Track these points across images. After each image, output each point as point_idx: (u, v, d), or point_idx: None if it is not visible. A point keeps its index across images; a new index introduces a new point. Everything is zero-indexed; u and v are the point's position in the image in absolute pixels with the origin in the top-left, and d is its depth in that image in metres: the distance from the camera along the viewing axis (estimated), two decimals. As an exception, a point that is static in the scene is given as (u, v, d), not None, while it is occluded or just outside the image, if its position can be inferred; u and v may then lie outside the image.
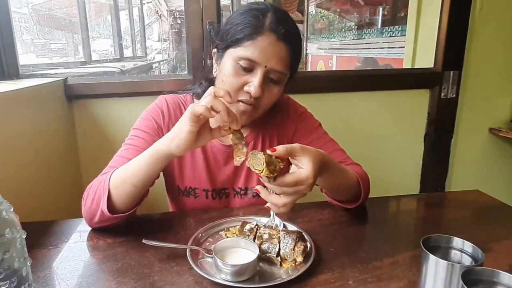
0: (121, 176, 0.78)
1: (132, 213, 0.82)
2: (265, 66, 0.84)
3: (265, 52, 0.83)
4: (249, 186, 1.01)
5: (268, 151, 0.65)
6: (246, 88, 0.86)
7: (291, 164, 0.72)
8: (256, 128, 1.02)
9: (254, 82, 0.85)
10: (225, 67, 0.88)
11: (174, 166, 0.99)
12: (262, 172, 0.64)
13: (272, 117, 1.03)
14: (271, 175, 0.65)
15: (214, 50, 0.94)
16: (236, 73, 0.86)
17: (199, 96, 0.99)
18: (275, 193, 0.69)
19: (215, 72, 0.93)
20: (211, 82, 0.96)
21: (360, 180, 0.87)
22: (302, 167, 0.67)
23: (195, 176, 0.99)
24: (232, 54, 0.86)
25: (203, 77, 1.02)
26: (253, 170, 0.66)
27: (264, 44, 0.83)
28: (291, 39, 0.86)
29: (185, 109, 0.99)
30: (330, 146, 1.00)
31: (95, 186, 0.81)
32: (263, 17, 0.84)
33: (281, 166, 0.67)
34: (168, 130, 0.95)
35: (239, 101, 0.88)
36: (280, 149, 0.66)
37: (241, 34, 0.84)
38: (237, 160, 0.73)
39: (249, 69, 0.85)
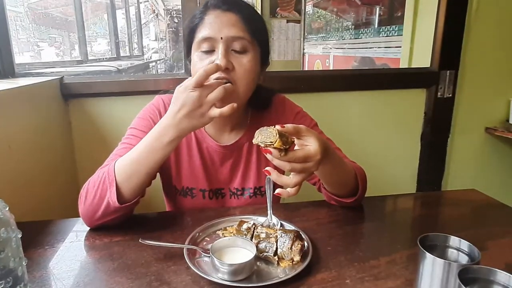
0: (127, 162, 0.79)
1: (137, 202, 0.83)
2: (221, 38, 0.85)
3: (215, 25, 0.85)
4: (246, 187, 1.01)
5: (278, 126, 0.66)
6: None
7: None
8: (250, 128, 1.01)
9: (217, 56, 0.85)
10: (193, 61, 0.90)
11: (171, 166, 0.99)
12: (275, 143, 0.63)
13: (268, 117, 1.03)
14: (284, 146, 0.64)
15: (187, 58, 0.96)
16: (200, 59, 0.88)
17: None
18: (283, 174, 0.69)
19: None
20: None
21: (358, 173, 0.88)
22: (309, 145, 0.68)
23: (192, 176, 0.99)
24: (194, 47, 0.89)
25: None
26: (262, 145, 0.65)
27: (211, 20, 0.86)
28: (237, 6, 0.87)
29: None
30: None
31: (95, 182, 0.80)
32: (207, 2, 0.90)
33: (293, 140, 0.67)
34: None
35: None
36: (289, 125, 0.67)
37: (193, 24, 0.89)
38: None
39: (210, 50, 0.86)
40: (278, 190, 0.71)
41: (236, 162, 1.01)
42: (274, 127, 0.65)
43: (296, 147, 0.70)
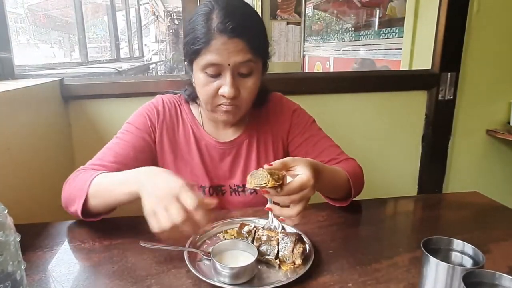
0: (99, 189, 0.80)
1: (105, 216, 0.85)
2: (229, 64, 0.84)
3: (222, 52, 0.83)
4: (246, 183, 1.01)
5: (266, 166, 0.67)
6: (220, 91, 0.87)
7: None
8: (249, 127, 1.03)
9: (225, 84, 0.85)
10: (196, 79, 0.90)
11: (169, 166, 1.00)
12: (268, 183, 0.65)
13: (266, 115, 1.04)
14: (277, 183, 0.65)
15: (186, 62, 0.94)
16: (206, 82, 0.87)
17: (189, 97, 1.02)
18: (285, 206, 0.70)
19: (194, 82, 0.94)
20: (194, 88, 0.96)
21: (350, 177, 0.89)
22: (300, 173, 0.69)
23: (192, 173, 1.00)
24: (197, 66, 0.88)
25: (186, 83, 1.03)
26: (258, 188, 0.67)
27: (218, 46, 0.83)
28: (244, 31, 0.84)
29: (180, 110, 1.03)
30: (324, 142, 1.02)
31: (77, 181, 0.84)
32: (209, 21, 0.83)
33: (283, 174, 0.68)
34: (162, 129, 0.99)
35: (218, 105, 0.90)
36: (277, 162, 0.69)
37: (196, 45, 0.85)
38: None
39: (216, 74, 0.86)
40: (286, 222, 0.71)
41: (235, 159, 1.02)
42: (263, 168, 0.66)
43: (288, 179, 0.69)
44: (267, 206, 0.70)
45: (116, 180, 0.78)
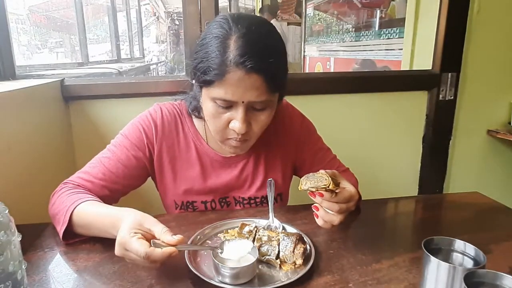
0: (83, 222, 0.77)
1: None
2: (243, 102, 0.77)
3: (237, 89, 0.75)
4: (252, 196, 0.99)
5: (323, 170, 0.71)
6: (231, 125, 0.81)
7: None
8: (257, 141, 0.98)
9: (236, 119, 0.79)
10: (205, 107, 0.83)
11: (167, 184, 0.96)
12: (329, 185, 0.68)
13: (274, 126, 0.97)
14: (336, 187, 0.69)
15: (193, 81, 0.86)
16: (217, 113, 0.81)
17: (193, 112, 0.95)
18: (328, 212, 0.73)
19: (201, 102, 0.87)
20: (199, 103, 0.90)
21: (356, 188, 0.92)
22: (346, 187, 0.73)
23: (193, 190, 0.95)
24: (207, 95, 0.80)
25: (191, 96, 0.94)
26: (314, 190, 0.70)
27: (233, 82, 0.74)
28: (264, 68, 0.74)
29: (181, 123, 0.96)
30: (327, 156, 1.04)
31: (60, 203, 0.80)
32: (225, 49, 0.74)
33: (339, 181, 0.72)
34: (161, 146, 0.93)
35: (228, 139, 0.85)
36: (329, 171, 0.73)
37: (208, 76, 0.76)
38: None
39: (228, 106, 0.79)
40: (321, 224, 0.74)
41: (242, 172, 0.97)
42: (324, 172, 0.71)
43: None
44: (315, 204, 0.73)
45: (99, 218, 0.75)
